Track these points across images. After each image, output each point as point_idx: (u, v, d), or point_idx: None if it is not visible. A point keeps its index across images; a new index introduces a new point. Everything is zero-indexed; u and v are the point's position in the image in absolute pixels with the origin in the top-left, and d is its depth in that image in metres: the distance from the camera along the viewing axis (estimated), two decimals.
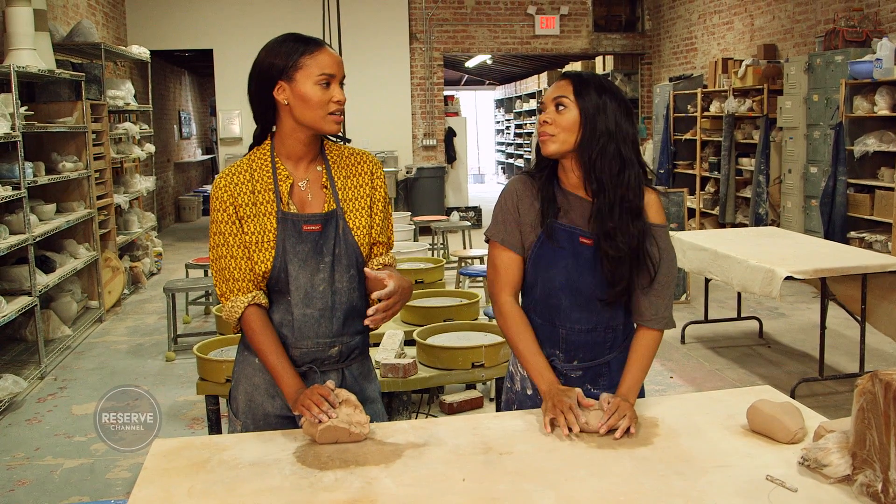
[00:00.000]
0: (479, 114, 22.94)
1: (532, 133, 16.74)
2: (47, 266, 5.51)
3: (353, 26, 10.27)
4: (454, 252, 7.48)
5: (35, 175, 5.37)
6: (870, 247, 6.32)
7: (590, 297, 1.89)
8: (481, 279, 6.53)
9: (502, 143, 21.28)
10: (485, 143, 22.70)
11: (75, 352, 5.64)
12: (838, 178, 6.68)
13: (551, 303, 1.92)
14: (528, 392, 2.01)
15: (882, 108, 6.26)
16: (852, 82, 6.55)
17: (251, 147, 1.92)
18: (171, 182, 13.23)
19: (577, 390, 1.81)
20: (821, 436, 1.60)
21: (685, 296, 6.75)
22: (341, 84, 1.82)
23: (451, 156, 12.11)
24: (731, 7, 9.67)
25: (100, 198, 6.64)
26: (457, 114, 13.26)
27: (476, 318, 3.73)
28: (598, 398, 1.84)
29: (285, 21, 9.99)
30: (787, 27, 8.49)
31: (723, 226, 8.90)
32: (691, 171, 9.89)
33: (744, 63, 8.63)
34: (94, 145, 6.55)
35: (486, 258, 6.73)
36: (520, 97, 18.74)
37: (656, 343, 1.92)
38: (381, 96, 11.23)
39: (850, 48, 6.81)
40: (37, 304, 5.00)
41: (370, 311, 1.74)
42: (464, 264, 6.75)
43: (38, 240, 5.14)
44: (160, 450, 1.73)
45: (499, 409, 2.61)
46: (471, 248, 8.09)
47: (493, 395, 4.10)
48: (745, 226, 8.40)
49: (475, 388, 4.35)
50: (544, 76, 15.79)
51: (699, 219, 9.56)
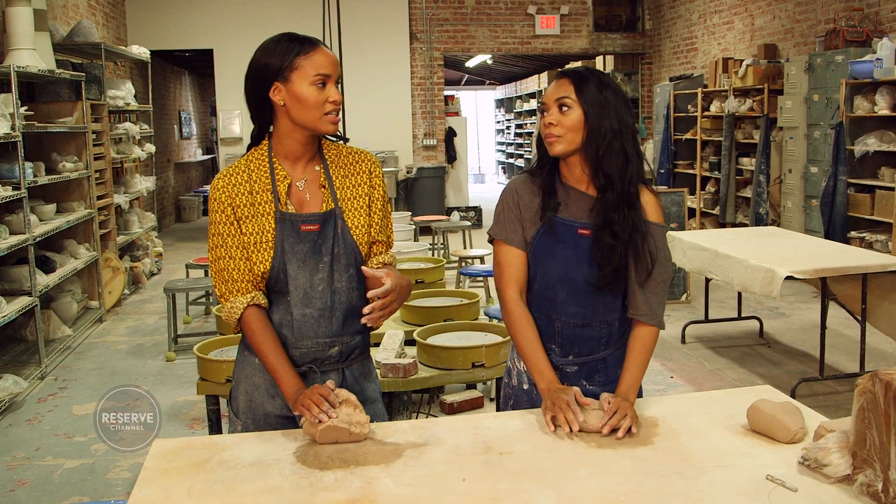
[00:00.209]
0: (480, 114, 22.94)
1: (532, 133, 16.73)
2: (47, 266, 5.51)
3: (354, 26, 10.28)
4: (454, 252, 7.48)
5: (35, 175, 5.37)
6: (870, 247, 6.32)
7: (586, 290, 1.92)
8: (481, 279, 6.53)
9: (503, 143, 21.28)
10: (485, 143, 22.71)
11: (75, 352, 5.64)
12: (839, 177, 6.67)
13: (548, 295, 1.95)
14: (525, 387, 2.03)
15: (882, 108, 6.25)
16: (853, 82, 6.55)
17: (249, 147, 1.92)
18: (172, 182, 13.23)
19: (576, 389, 1.82)
20: (821, 435, 1.60)
21: (685, 295, 6.74)
22: (337, 83, 1.82)
23: (451, 156, 12.11)
24: (732, 7, 9.67)
25: (100, 198, 6.65)
26: (457, 114, 13.25)
27: (476, 318, 3.73)
28: (594, 395, 1.85)
29: (285, 21, 9.99)
30: (788, 27, 8.49)
31: (723, 225, 8.90)
32: (692, 171, 9.89)
33: (744, 63, 8.63)
34: (94, 145, 6.55)
35: (486, 258, 6.74)
36: (520, 97, 18.74)
37: (653, 341, 1.93)
38: (382, 96, 11.24)
39: (851, 48, 6.81)
40: (37, 305, 5.00)
41: (366, 309, 1.74)
42: (464, 264, 6.75)
43: (38, 240, 5.14)
44: (160, 450, 1.73)
45: (498, 405, 2.62)
46: (471, 247, 8.09)
47: (493, 394, 4.10)
48: (745, 226, 8.40)
49: (475, 387, 4.35)
50: (545, 76, 15.78)
51: (699, 219, 9.56)
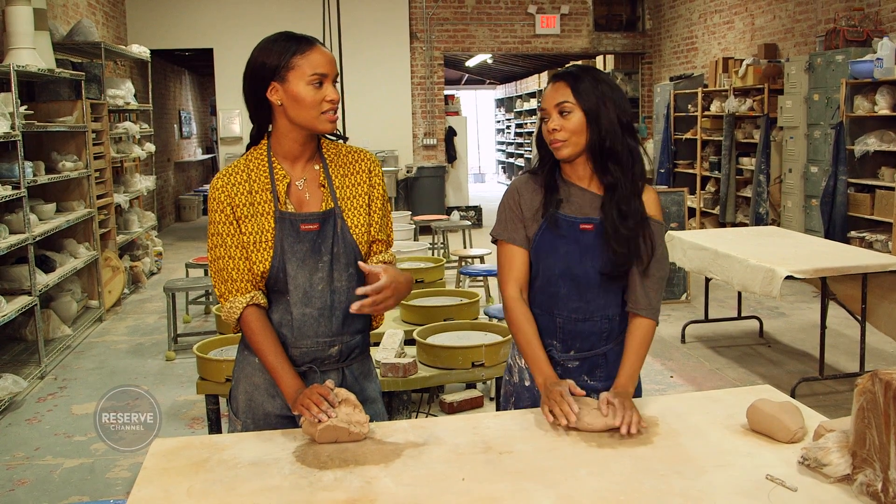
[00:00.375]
0: (480, 113, 22.95)
1: (532, 132, 16.72)
2: (47, 266, 5.50)
3: (354, 25, 10.27)
4: (454, 251, 7.48)
5: (35, 174, 5.37)
6: (870, 246, 6.32)
7: (587, 285, 1.94)
8: (481, 278, 6.53)
9: (503, 143, 21.28)
10: (485, 143, 22.71)
11: (75, 351, 5.64)
12: (839, 177, 6.67)
13: (550, 291, 1.97)
14: (526, 384, 2.05)
15: (882, 108, 6.25)
16: (853, 82, 6.54)
17: (248, 147, 1.92)
18: (172, 181, 13.23)
19: (569, 381, 1.85)
20: (821, 435, 1.59)
21: (685, 295, 6.74)
22: (334, 82, 1.82)
23: (451, 155, 12.11)
24: (732, 6, 9.66)
25: (100, 197, 6.64)
26: (457, 113, 13.25)
27: (476, 318, 3.73)
28: (595, 390, 1.88)
29: (285, 20, 9.99)
30: (788, 27, 8.49)
31: (723, 225, 8.89)
32: (692, 171, 9.88)
33: (744, 62, 8.63)
34: (94, 145, 6.55)
35: (486, 258, 6.74)
36: (520, 96, 18.74)
37: (651, 333, 1.96)
38: (382, 95, 11.24)
39: (851, 48, 6.80)
40: (37, 304, 5.00)
41: (354, 305, 1.73)
42: (464, 264, 6.74)
43: (37, 239, 5.14)
44: (159, 449, 1.73)
45: (498, 403, 2.62)
46: (471, 247, 8.08)
47: (493, 394, 4.10)
48: (745, 225, 8.40)
49: (475, 387, 4.35)
50: (545, 75, 15.78)
51: (699, 218, 9.56)
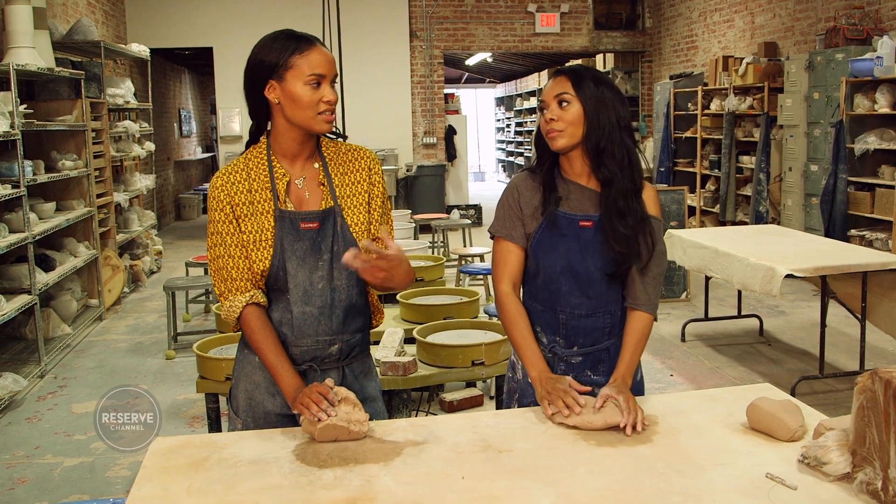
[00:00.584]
0: (480, 112, 22.94)
1: (532, 131, 16.71)
2: (47, 264, 5.50)
3: (354, 24, 10.27)
4: (454, 250, 7.48)
5: (35, 173, 5.36)
6: (870, 245, 6.32)
7: (589, 281, 1.95)
8: (481, 277, 6.52)
9: (503, 141, 21.28)
10: (485, 141, 22.70)
11: (75, 350, 5.64)
12: (839, 175, 6.67)
13: (552, 288, 1.98)
14: (529, 380, 2.03)
15: (882, 106, 6.25)
16: (853, 80, 6.54)
17: (248, 145, 1.92)
18: (171, 180, 13.22)
19: (568, 378, 1.86)
20: (821, 434, 1.59)
21: (685, 294, 6.74)
22: (333, 83, 1.81)
23: (451, 154, 12.11)
24: (732, 5, 9.66)
25: (99, 196, 6.64)
26: (457, 112, 13.25)
27: (476, 316, 3.73)
28: (598, 384, 1.90)
29: (285, 18, 9.96)
30: (788, 25, 8.48)
31: (723, 224, 8.89)
32: (692, 169, 9.88)
33: (744, 61, 8.62)
34: (93, 143, 6.54)
35: (486, 256, 6.74)
36: (520, 95, 18.73)
37: (649, 328, 1.99)
38: (382, 94, 11.23)
39: (851, 46, 6.80)
40: (36, 303, 5.00)
41: (349, 252, 1.67)
42: (464, 262, 6.74)
43: (37, 238, 5.13)
44: (159, 448, 1.73)
45: (500, 401, 2.62)
46: (471, 246, 8.08)
47: (493, 393, 4.10)
48: (745, 224, 8.39)
49: (475, 385, 4.35)
50: (545, 74, 15.77)
51: (699, 217, 9.56)
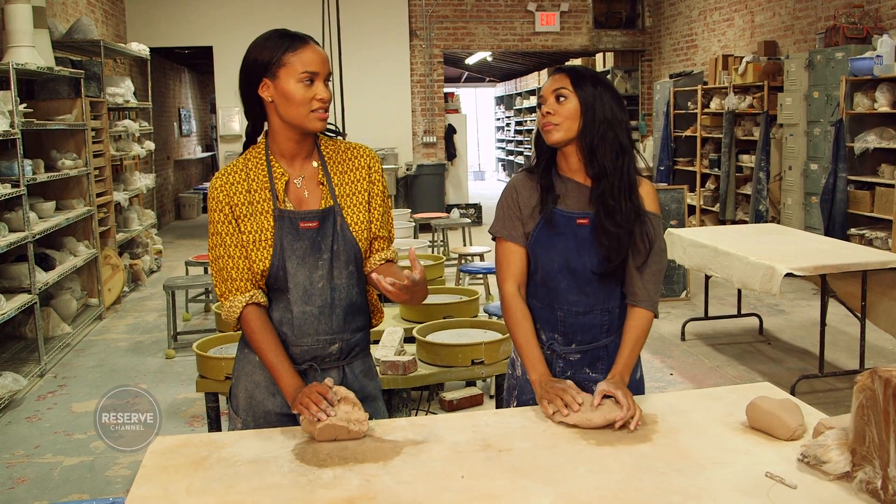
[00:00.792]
0: (480, 111, 22.93)
1: (532, 130, 16.71)
2: (47, 264, 5.50)
3: (353, 23, 10.26)
4: (454, 249, 7.47)
5: (34, 172, 5.36)
6: (870, 243, 6.32)
7: (587, 278, 1.97)
8: (481, 276, 6.53)
9: (502, 140, 21.27)
10: (485, 140, 22.70)
11: (75, 349, 5.64)
12: (838, 174, 6.67)
13: (550, 285, 1.99)
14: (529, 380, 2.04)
15: (882, 105, 6.25)
16: (853, 79, 6.54)
17: (245, 145, 1.92)
18: (171, 179, 13.22)
19: (569, 382, 1.87)
20: (820, 432, 1.59)
21: (685, 293, 6.74)
22: (326, 81, 1.81)
23: (451, 153, 12.11)
24: (732, 4, 9.65)
25: (99, 195, 6.64)
26: (457, 111, 13.25)
27: (476, 315, 3.73)
28: (596, 382, 1.90)
29: (285, 18, 9.93)
30: (788, 24, 8.48)
31: (723, 222, 8.89)
32: (691, 168, 9.88)
33: (744, 60, 8.62)
34: (93, 143, 6.54)
35: (486, 255, 6.74)
36: (520, 94, 18.73)
37: (649, 325, 1.99)
38: (382, 93, 11.22)
39: (851, 45, 6.79)
40: (36, 302, 5.00)
41: (387, 280, 1.73)
42: (464, 261, 6.74)
43: (37, 237, 5.14)
44: (159, 447, 1.73)
45: (500, 399, 2.62)
46: (471, 245, 8.08)
47: (492, 392, 4.10)
48: (745, 222, 8.39)
49: (475, 385, 4.35)
50: (544, 73, 15.77)
51: (699, 216, 9.56)
